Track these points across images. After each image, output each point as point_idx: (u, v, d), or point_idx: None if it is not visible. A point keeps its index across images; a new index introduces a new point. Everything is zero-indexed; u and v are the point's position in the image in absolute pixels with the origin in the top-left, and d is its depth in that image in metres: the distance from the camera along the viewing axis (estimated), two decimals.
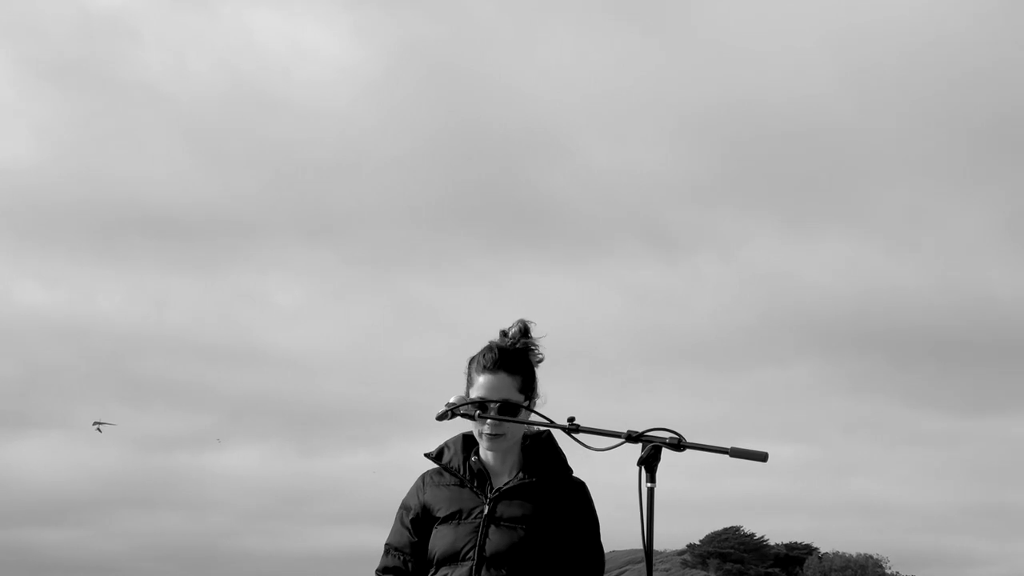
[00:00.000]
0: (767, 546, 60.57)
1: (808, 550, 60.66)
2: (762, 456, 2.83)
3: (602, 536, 3.24)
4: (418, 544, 3.25)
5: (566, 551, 3.17)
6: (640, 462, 2.85)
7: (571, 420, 2.99)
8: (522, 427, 3.22)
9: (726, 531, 60.70)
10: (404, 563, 3.27)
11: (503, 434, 3.20)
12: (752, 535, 60.75)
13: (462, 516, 3.21)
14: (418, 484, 3.34)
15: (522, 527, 3.15)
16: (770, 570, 59.01)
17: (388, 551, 3.31)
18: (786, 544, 61.15)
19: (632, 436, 2.89)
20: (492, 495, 3.21)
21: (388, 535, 3.33)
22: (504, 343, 3.28)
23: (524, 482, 3.21)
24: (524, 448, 3.27)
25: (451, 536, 3.20)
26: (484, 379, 3.21)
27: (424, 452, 3.36)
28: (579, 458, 3.16)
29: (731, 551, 59.48)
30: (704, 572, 58.99)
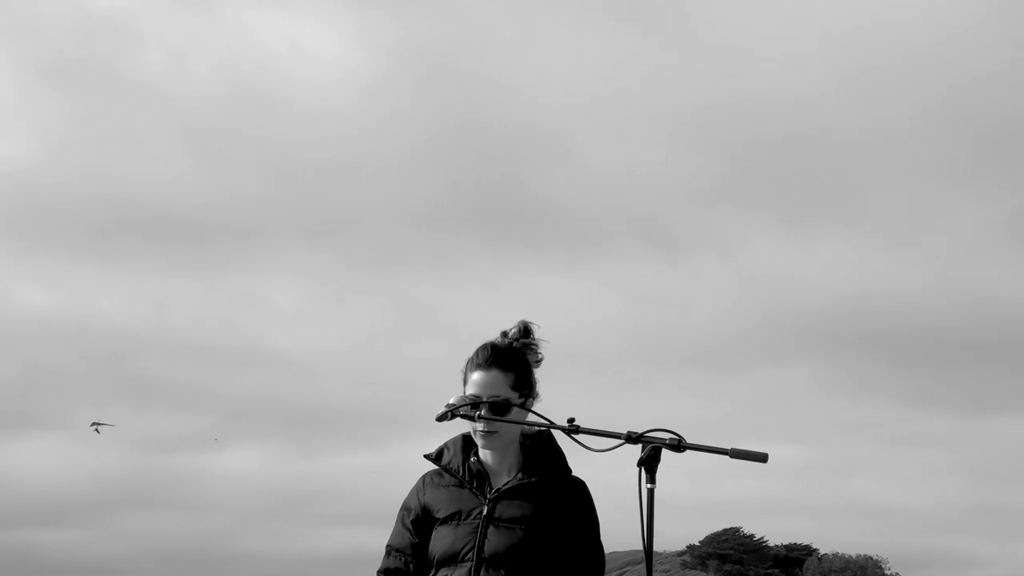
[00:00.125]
0: (767, 547, 60.57)
1: (808, 551, 60.66)
2: (762, 457, 2.83)
3: (602, 537, 3.24)
4: (419, 545, 3.25)
5: (566, 551, 3.16)
6: (640, 463, 2.85)
7: (571, 421, 2.99)
8: (517, 424, 3.22)
9: (726, 532, 60.70)
10: (405, 564, 3.27)
11: (496, 431, 3.20)
12: (752, 536, 60.75)
13: (461, 517, 3.21)
14: (418, 485, 3.34)
15: (521, 527, 3.15)
16: (770, 571, 59.01)
17: (389, 552, 3.31)
18: (786, 545, 61.17)
19: (632, 437, 2.89)
20: (491, 496, 3.21)
21: (389, 536, 3.33)
22: (501, 342, 3.29)
23: (523, 482, 3.21)
24: (524, 448, 3.27)
25: (450, 537, 3.20)
26: (477, 376, 3.22)
27: (424, 453, 3.36)
28: (579, 459, 3.17)
29: (731, 552, 59.49)
30: (704, 573, 58.99)
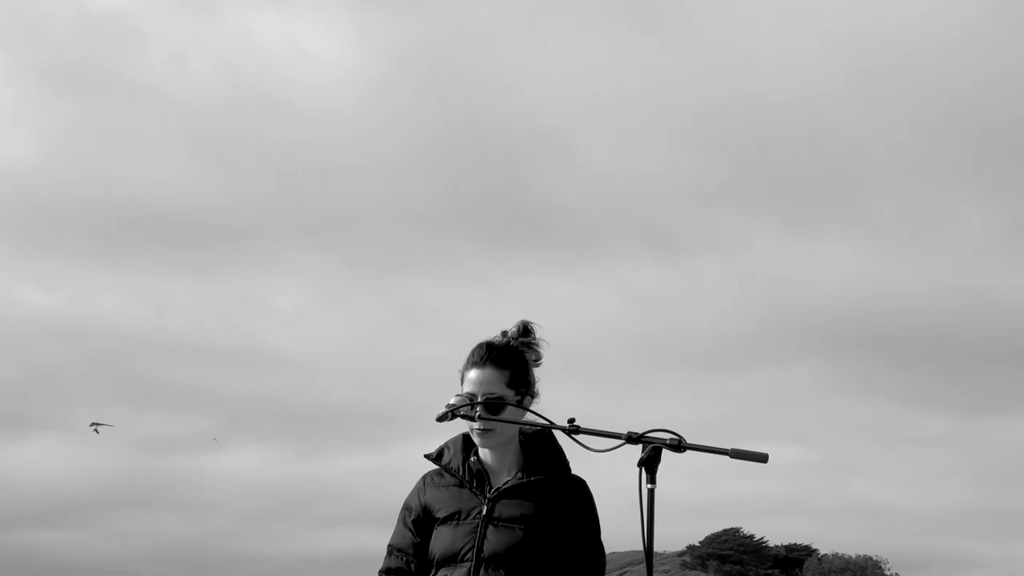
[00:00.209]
0: (766, 547, 60.56)
1: (808, 551, 60.64)
2: (762, 457, 2.83)
3: (603, 537, 3.23)
4: (420, 545, 3.26)
5: (566, 550, 3.15)
6: (640, 463, 2.85)
7: (571, 421, 2.99)
8: (514, 420, 3.20)
9: (725, 532, 60.69)
10: (407, 564, 3.27)
11: (492, 429, 3.20)
12: (751, 536, 60.75)
13: (460, 517, 3.21)
14: (419, 485, 3.34)
15: (520, 527, 3.14)
16: (769, 571, 59.00)
17: (391, 552, 3.31)
18: (785, 545, 61.15)
19: (632, 437, 2.88)
20: (490, 495, 3.21)
21: (391, 536, 3.33)
22: (498, 341, 3.29)
23: (522, 481, 3.20)
24: (524, 447, 3.27)
25: (450, 537, 3.20)
26: (472, 374, 3.23)
27: (424, 453, 3.36)
28: (579, 459, 3.17)
29: (730, 552, 59.48)
30: (703, 573, 58.97)
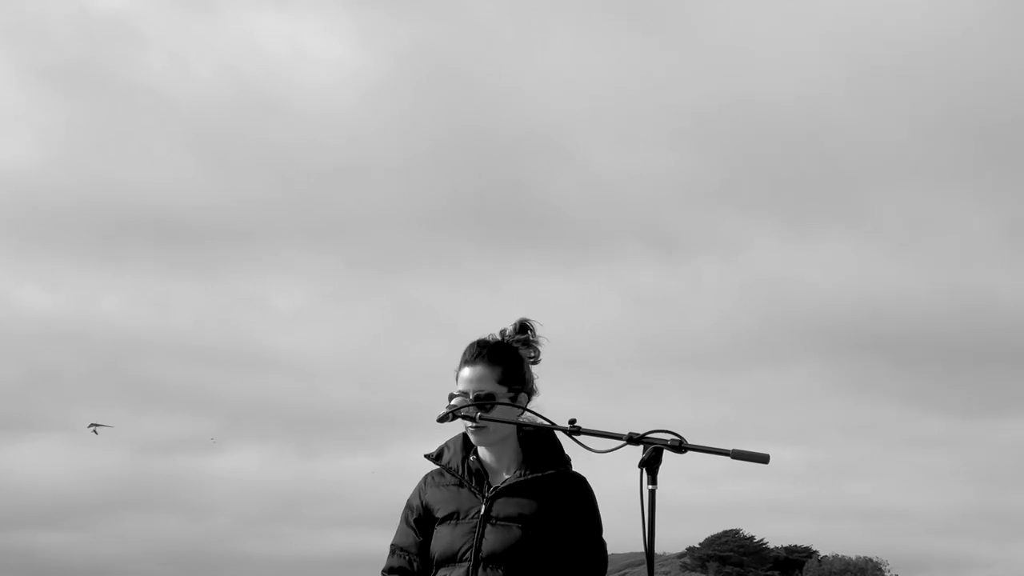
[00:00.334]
0: (766, 549, 60.56)
1: (808, 553, 60.65)
2: (763, 458, 2.83)
3: (604, 536, 3.22)
4: (423, 544, 3.26)
5: (566, 548, 3.14)
6: (641, 464, 2.85)
7: (572, 422, 2.99)
8: (509, 417, 3.20)
9: (725, 534, 60.69)
10: (409, 563, 3.27)
11: (485, 426, 3.19)
12: (751, 538, 60.75)
13: (459, 516, 3.21)
14: (420, 484, 3.34)
15: (518, 525, 3.14)
16: (769, 573, 59.00)
17: (394, 551, 3.31)
18: (786, 547, 61.15)
19: (633, 438, 2.89)
20: (489, 494, 3.21)
21: (394, 535, 3.34)
22: (491, 338, 3.29)
23: (521, 479, 3.20)
24: (523, 444, 3.26)
25: (448, 537, 3.20)
26: (464, 371, 3.23)
27: (424, 453, 3.36)
28: (580, 460, 3.16)
29: (730, 554, 59.48)
30: (703, 575, 58.98)
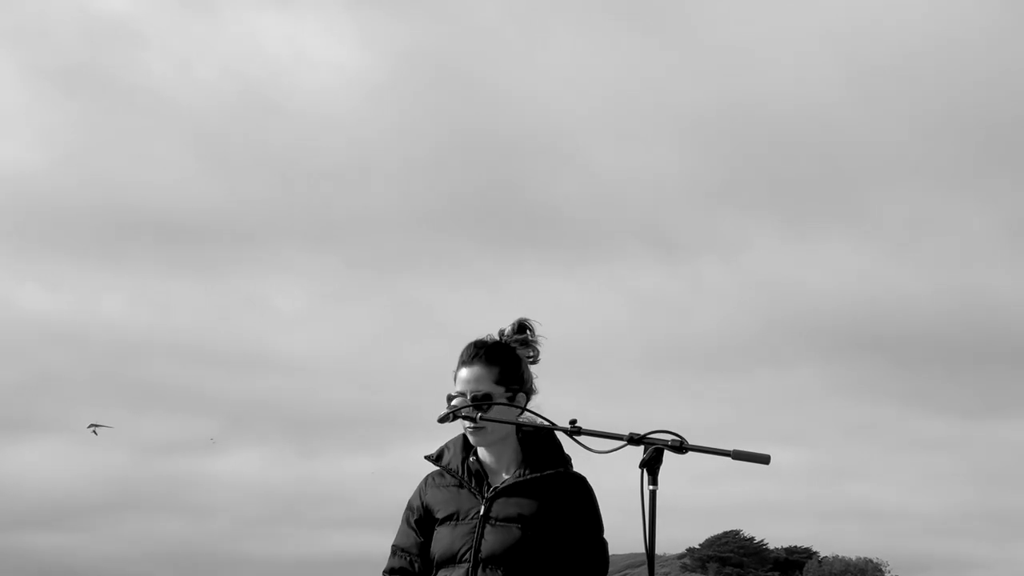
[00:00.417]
0: (767, 550, 60.57)
1: (808, 554, 60.66)
2: (764, 459, 2.83)
3: (607, 535, 3.21)
4: (424, 544, 3.26)
5: (566, 548, 3.13)
6: (642, 464, 2.85)
7: (573, 422, 2.99)
8: (507, 417, 3.19)
9: (726, 535, 60.71)
10: (411, 563, 3.27)
11: (483, 426, 3.18)
12: (752, 539, 60.77)
13: (459, 517, 3.21)
14: (421, 485, 3.34)
15: (517, 526, 3.13)
16: (769, 574, 59.01)
17: (395, 552, 3.31)
18: (786, 548, 61.17)
19: (634, 438, 2.89)
20: (488, 495, 3.20)
21: (395, 536, 3.33)
22: (489, 338, 3.28)
23: (520, 480, 3.19)
24: (523, 444, 3.25)
25: (448, 538, 3.20)
26: (462, 372, 3.23)
27: (424, 454, 3.35)
28: (581, 460, 3.16)
29: (731, 555, 59.49)
30: None
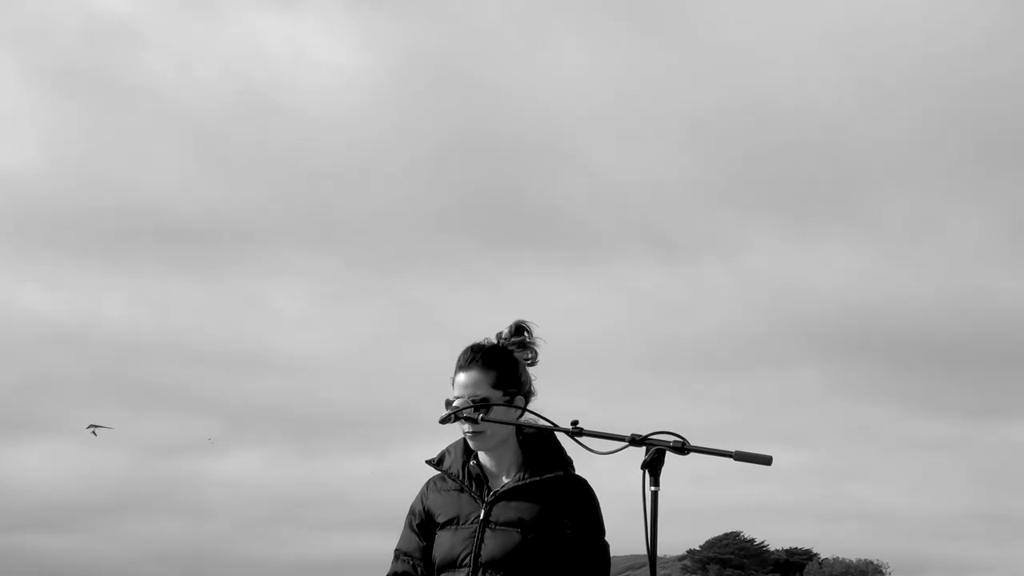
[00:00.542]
0: (767, 551, 60.54)
1: (808, 555, 60.63)
2: (766, 459, 2.82)
3: (607, 537, 3.19)
4: (427, 548, 3.25)
5: (567, 552, 3.12)
6: (644, 465, 2.84)
7: (574, 423, 2.99)
8: (508, 419, 3.18)
9: (726, 536, 60.67)
10: (413, 567, 3.26)
11: (482, 431, 3.17)
12: (752, 540, 60.73)
13: (459, 522, 3.20)
14: (423, 490, 3.33)
15: (517, 530, 3.12)
16: (770, 575, 58.99)
17: (398, 556, 3.30)
18: (786, 549, 61.13)
19: (636, 439, 2.88)
20: (488, 499, 3.19)
21: (398, 540, 3.32)
22: (485, 342, 3.27)
23: (520, 483, 3.18)
24: (523, 447, 3.24)
25: (449, 542, 3.19)
26: (459, 377, 3.21)
27: (426, 459, 3.34)
28: (582, 461, 3.15)
29: (731, 556, 59.46)
30: None
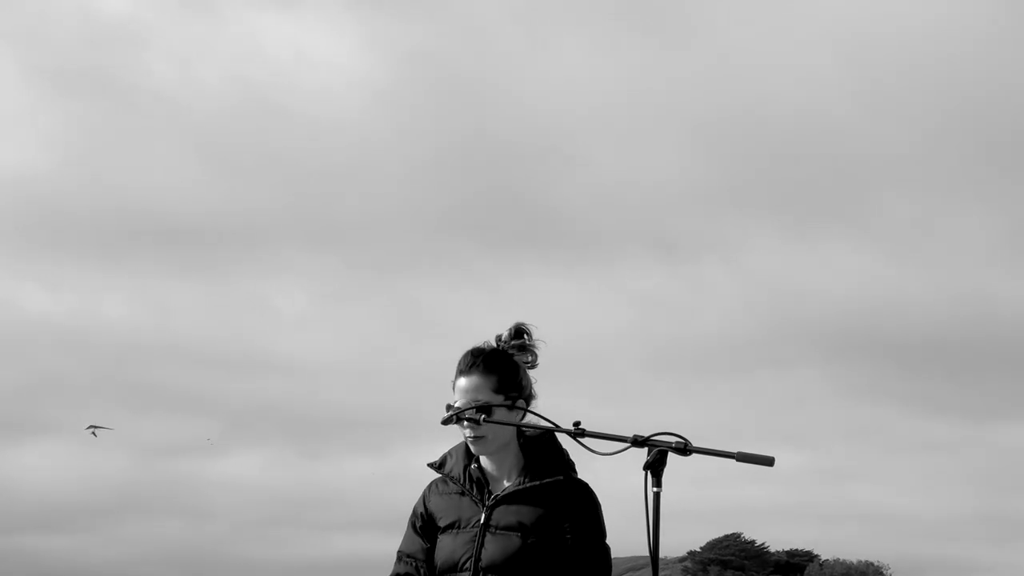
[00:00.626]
0: (768, 553, 60.54)
1: (809, 557, 60.63)
2: (769, 461, 2.82)
3: (608, 540, 3.18)
4: (430, 550, 3.24)
5: (567, 555, 3.10)
6: (646, 467, 2.84)
7: (576, 424, 2.99)
8: (508, 427, 3.17)
9: (727, 538, 60.69)
10: (416, 569, 3.25)
11: (484, 436, 3.16)
12: (753, 542, 60.75)
13: (460, 525, 3.19)
14: (425, 492, 3.32)
15: (517, 534, 3.11)
16: None
17: (400, 558, 3.29)
18: (787, 551, 61.14)
19: (638, 440, 2.88)
20: (489, 503, 3.18)
21: (401, 542, 3.31)
22: (486, 346, 3.26)
23: (521, 487, 3.17)
24: (525, 451, 3.23)
25: (450, 546, 3.18)
26: (459, 382, 3.20)
27: (427, 462, 3.33)
28: (584, 462, 3.15)
29: (732, 558, 59.45)
30: None
